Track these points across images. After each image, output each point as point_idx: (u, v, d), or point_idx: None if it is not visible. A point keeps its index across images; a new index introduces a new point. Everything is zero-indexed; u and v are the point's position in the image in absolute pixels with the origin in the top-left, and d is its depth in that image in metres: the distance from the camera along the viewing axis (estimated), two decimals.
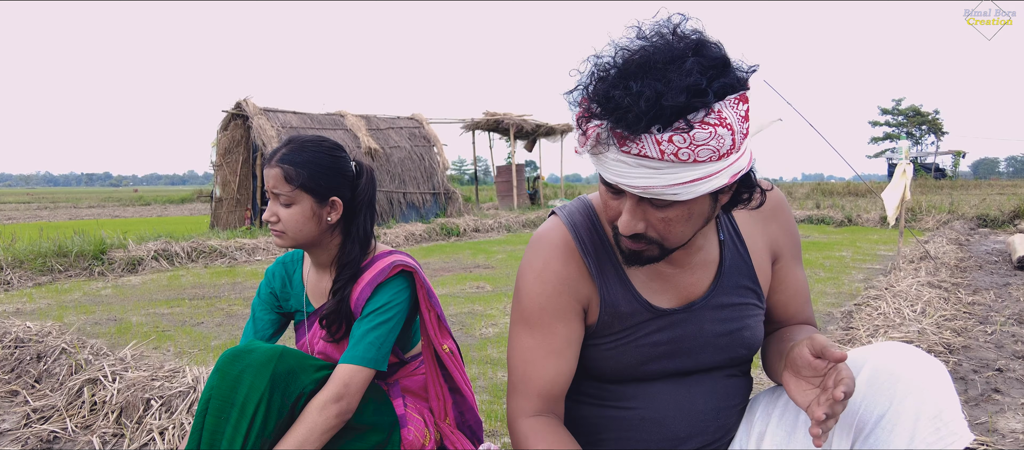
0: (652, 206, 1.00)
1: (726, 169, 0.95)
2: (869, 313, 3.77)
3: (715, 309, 1.19)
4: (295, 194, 1.45)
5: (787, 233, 1.28)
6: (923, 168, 31.51)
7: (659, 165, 0.93)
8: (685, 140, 0.90)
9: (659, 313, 1.16)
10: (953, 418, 1.01)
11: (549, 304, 1.14)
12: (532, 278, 1.16)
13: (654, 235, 1.03)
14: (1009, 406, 2.39)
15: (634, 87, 0.90)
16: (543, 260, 1.16)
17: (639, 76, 0.91)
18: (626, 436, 1.21)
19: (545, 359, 1.15)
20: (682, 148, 0.91)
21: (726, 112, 0.91)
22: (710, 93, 0.90)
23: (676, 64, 0.90)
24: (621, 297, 1.16)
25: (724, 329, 1.19)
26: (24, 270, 6.18)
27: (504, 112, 16.05)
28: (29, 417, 2.41)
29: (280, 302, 1.64)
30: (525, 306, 1.16)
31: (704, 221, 1.06)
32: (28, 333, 3.14)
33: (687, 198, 0.96)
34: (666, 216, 1.01)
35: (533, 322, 1.15)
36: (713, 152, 0.92)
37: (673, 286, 1.18)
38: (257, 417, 1.28)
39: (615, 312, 1.16)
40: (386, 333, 1.45)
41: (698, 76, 0.89)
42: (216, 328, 3.99)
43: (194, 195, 32.50)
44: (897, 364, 1.05)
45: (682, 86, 0.88)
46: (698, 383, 1.21)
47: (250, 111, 11.27)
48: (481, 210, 14.13)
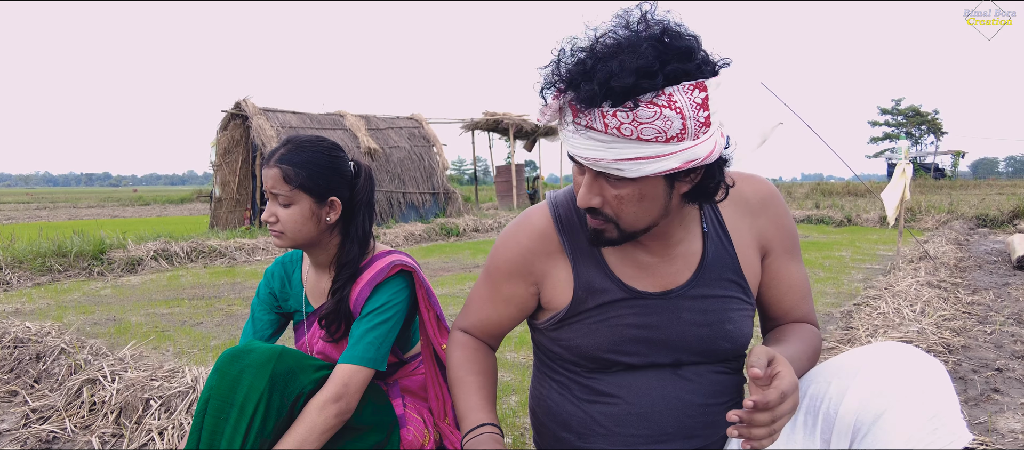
0: (607, 182, 1.06)
1: (677, 154, 0.99)
2: (868, 313, 3.77)
3: (695, 299, 1.20)
4: (294, 194, 1.45)
5: (778, 227, 1.27)
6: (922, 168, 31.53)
7: (605, 138, 1.00)
8: (628, 117, 0.97)
9: (633, 293, 1.19)
10: (951, 418, 1.01)
11: (504, 266, 1.28)
12: (501, 242, 1.31)
13: (609, 212, 1.09)
14: (1008, 406, 2.39)
15: (590, 64, 0.98)
16: (515, 230, 1.29)
17: (601, 57, 0.98)
18: (615, 432, 1.22)
19: (487, 303, 1.34)
20: (625, 124, 0.97)
21: (677, 97, 0.96)
22: (660, 76, 0.95)
23: (633, 48, 0.97)
24: (595, 275, 1.21)
25: (704, 320, 1.20)
26: (23, 270, 6.17)
27: (504, 112, 16.04)
28: (28, 417, 2.41)
29: (279, 302, 1.64)
30: (489, 261, 1.33)
31: (661, 208, 1.09)
32: (27, 333, 3.14)
33: (634, 175, 1.02)
34: (619, 194, 1.06)
35: (490, 274, 1.32)
36: (658, 133, 0.97)
37: (651, 275, 1.21)
38: (256, 417, 1.28)
39: (589, 288, 1.21)
40: (385, 333, 1.45)
41: (651, 60, 0.95)
42: (215, 328, 3.98)
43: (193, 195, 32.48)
44: (895, 364, 1.05)
45: (633, 68, 0.95)
46: (684, 377, 1.22)
47: (249, 111, 11.27)
48: (481, 210, 14.13)
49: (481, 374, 1.32)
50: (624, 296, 1.20)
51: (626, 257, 1.21)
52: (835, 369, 1.11)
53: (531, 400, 1.40)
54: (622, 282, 1.20)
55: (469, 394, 1.29)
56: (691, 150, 1.00)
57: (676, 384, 1.21)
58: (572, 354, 1.25)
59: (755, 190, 1.27)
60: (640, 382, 1.21)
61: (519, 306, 1.32)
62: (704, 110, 0.98)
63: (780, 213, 1.28)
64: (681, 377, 1.22)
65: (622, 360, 1.21)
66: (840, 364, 1.12)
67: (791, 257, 1.29)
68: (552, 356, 1.31)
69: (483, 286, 1.35)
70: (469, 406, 1.27)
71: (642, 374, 1.22)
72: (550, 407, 1.31)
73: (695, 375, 1.22)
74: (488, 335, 1.38)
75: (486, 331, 1.38)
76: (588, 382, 1.25)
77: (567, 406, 1.28)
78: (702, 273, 1.21)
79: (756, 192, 1.27)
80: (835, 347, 3.20)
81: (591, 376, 1.25)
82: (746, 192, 1.26)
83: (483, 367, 1.34)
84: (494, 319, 1.35)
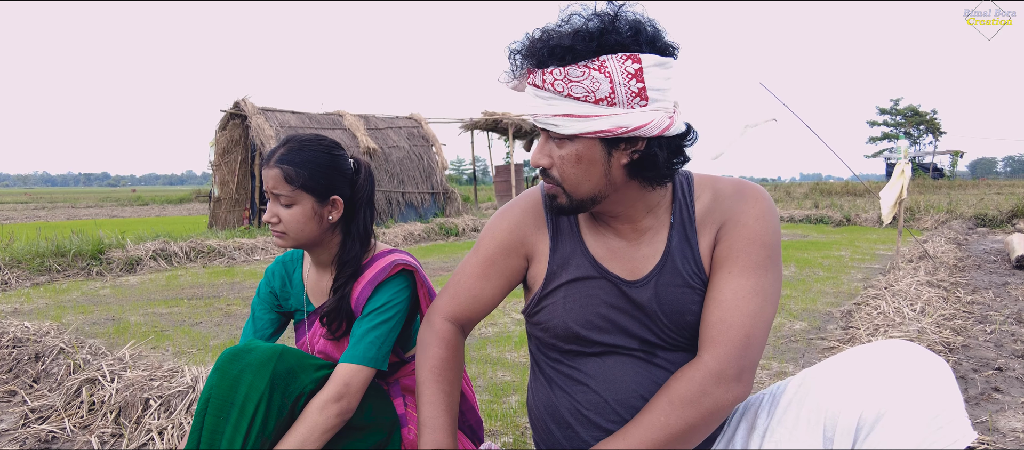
0: (554, 143, 1.16)
1: (606, 116, 1.09)
2: (869, 312, 3.77)
3: (657, 289, 1.21)
4: (296, 194, 1.44)
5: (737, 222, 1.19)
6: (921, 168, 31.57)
7: (543, 94, 1.12)
8: (562, 74, 1.09)
9: (603, 272, 1.24)
10: (956, 417, 1.01)
11: (498, 237, 1.33)
12: (495, 220, 1.36)
13: (556, 175, 1.17)
14: (1009, 405, 2.39)
15: (545, 35, 1.11)
16: (509, 207, 1.36)
17: (555, 29, 1.11)
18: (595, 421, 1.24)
19: (478, 279, 1.34)
20: (558, 81, 1.09)
21: (610, 64, 1.07)
22: (595, 42, 1.07)
23: (584, 21, 1.10)
24: (571, 250, 1.27)
25: (665, 311, 1.21)
26: (22, 270, 6.16)
27: (503, 112, 16.02)
28: (27, 417, 2.40)
29: (280, 301, 1.63)
30: (482, 237, 1.36)
31: (600, 175, 1.15)
32: (26, 333, 3.13)
33: (567, 132, 1.12)
34: (562, 154, 1.15)
35: (480, 249, 1.35)
36: (587, 92, 1.08)
37: (621, 259, 1.24)
38: (257, 417, 1.28)
39: (563, 262, 1.27)
40: (387, 332, 1.45)
41: (592, 30, 1.08)
42: (215, 328, 3.98)
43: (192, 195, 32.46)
44: (898, 362, 1.04)
45: (569, 32, 1.09)
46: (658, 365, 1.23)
47: (248, 111, 11.25)
48: (480, 210, 14.12)
49: (453, 385, 1.32)
50: (595, 274, 1.25)
51: (600, 238, 1.27)
52: (837, 367, 1.10)
53: (528, 397, 1.41)
54: (595, 260, 1.25)
55: (437, 407, 1.27)
56: (621, 117, 1.09)
57: (651, 372, 1.23)
58: (550, 335, 1.28)
59: (735, 185, 1.24)
60: (616, 369, 1.24)
61: (509, 279, 1.35)
62: (637, 81, 1.08)
63: (750, 211, 1.19)
64: (655, 365, 1.24)
65: (594, 338, 1.24)
66: (842, 362, 1.11)
67: (740, 262, 1.17)
68: (539, 345, 1.34)
69: (474, 263, 1.35)
70: (436, 422, 1.26)
71: (617, 360, 1.24)
72: (541, 400, 1.33)
73: (668, 362, 1.23)
74: (471, 316, 1.38)
75: (471, 310, 1.37)
76: (569, 371, 1.28)
77: (553, 397, 1.30)
78: (665, 263, 1.22)
79: (736, 187, 1.23)
80: (835, 346, 3.20)
81: (571, 362, 1.27)
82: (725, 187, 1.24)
83: (455, 376, 1.33)
84: (483, 296, 1.35)
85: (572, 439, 1.28)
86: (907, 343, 1.09)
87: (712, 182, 1.27)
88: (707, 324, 1.16)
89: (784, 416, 1.16)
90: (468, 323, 1.39)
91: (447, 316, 1.37)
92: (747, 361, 1.13)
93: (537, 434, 1.38)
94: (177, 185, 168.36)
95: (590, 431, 1.25)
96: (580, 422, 1.26)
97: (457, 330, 1.37)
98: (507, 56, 1.17)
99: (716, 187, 1.26)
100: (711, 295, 1.18)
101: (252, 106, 11.33)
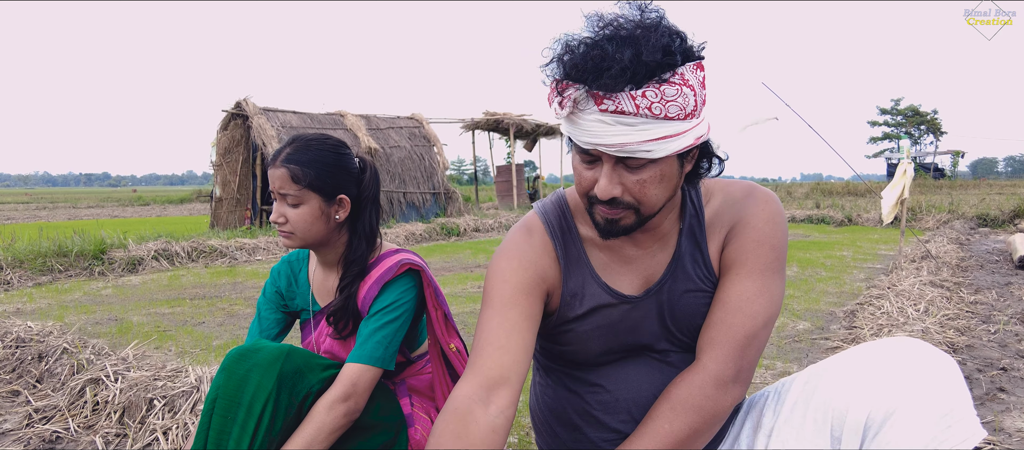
0: (627, 169, 1.06)
1: (691, 130, 1.04)
2: (872, 312, 3.76)
3: (669, 295, 1.20)
4: (303, 194, 1.44)
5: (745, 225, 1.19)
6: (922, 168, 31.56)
7: (634, 121, 1.00)
8: (657, 95, 0.99)
9: (619, 297, 1.20)
10: (965, 415, 1.00)
11: (513, 278, 1.17)
12: (500, 258, 1.21)
13: (630, 199, 1.08)
14: (1015, 405, 2.38)
15: (611, 49, 0.98)
16: (513, 242, 1.23)
17: (614, 41, 0.99)
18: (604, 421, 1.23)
19: (499, 332, 1.12)
20: (655, 103, 0.99)
21: (688, 75, 1.01)
22: (678, 55, 1.00)
23: (648, 30, 1.00)
24: (582, 279, 1.21)
25: (673, 317, 1.21)
26: (24, 270, 6.16)
27: (504, 112, 16.02)
28: (31, 417, 2.40)
29: (286, 301, 1.63)
30: (491, 285, 1.18)
31: (673, 188, 1.11)
32: (29, 333, 3.13)
33: (659, 155, 1.03)
34: (640, 178, 1.06)
35: (495, 298, 1.16)
36: (680, 110, 1.01)
37: (632, 270, 1.21)
38: (264, 417, 1.27)
39: (578, 294, 1.20)
40: (393, 332, 1.44)
41: (670, 39, 1.00)
42: (218, 328, 3.97)
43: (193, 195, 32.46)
44: (906, 360, 1.04)
45: (658, 45, 0.98)
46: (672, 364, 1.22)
47: (250, 111, 11.26)
48: (481, 210, 14.11)
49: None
50: (610, 301, 1.20)
51: (612, 255, 1.22)
52: (844, 364, 1.09)
53: (531, 399, 1.40)
54: (607, 286, 1.21)
55: None
56: (699, 127, 1.05)
57: (663, 371, 1.22)
58: (566, 358, 1.26)
59: (745, 188, 1.24)
60: (629, 371, 1.23)
61: (533, 323, 1.17)
62: (704, 88, 1.04)
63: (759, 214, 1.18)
64: (668, 364, 1.23)
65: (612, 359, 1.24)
66: (849, 360, 1.10)
67: (747, 266, 1.16)
68: (548, 355, 1.32)
69: (491, 316, 1.14)
70: None
71: (631, 363, 1.23)
72: (547, 402, 1.32)
73: (682, 362, 1.23)
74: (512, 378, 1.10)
75: (511, 371, 1.10)
76: (580, 375, 1.27)
77: (561, 399, 1.29)
78: (675, 268, 1.21)
79: (746, 190, 1.23)
80: (839, 346, 3.19)
81: (583, 370, 1.26)
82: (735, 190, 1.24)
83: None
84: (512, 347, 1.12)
85: (579, 441, 1.27)
86: (915, 340, 1.08)
87: (723, 186, 1.25)
88: (709, 325, 1.16)
89: (791, 415, 1.15)
90: (511, 386, 1.09)
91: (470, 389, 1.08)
92: (746, 362, 1.13)
93: (540, 436, 1.37)
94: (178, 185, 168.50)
95: (599, 431, 1.24)
96: (589, 423, 1.25)
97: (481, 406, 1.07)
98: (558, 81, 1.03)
99: (727, 191, 1.24)
100: (717, 297, 1.17)
101: (254, 106, 11.33)
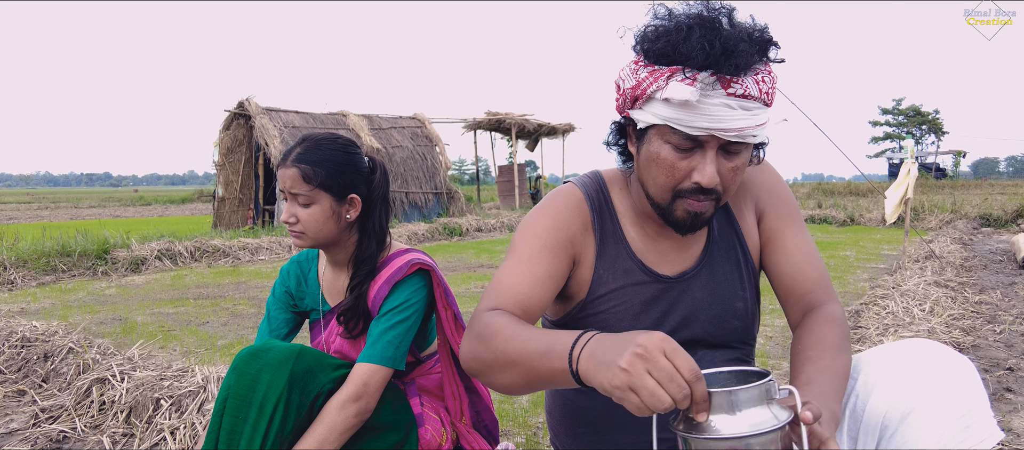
0: (724, 156, 1.05)
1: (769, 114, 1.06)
2: (877, 312, 3.76)
3: (706, 278, 1.21)
4: (314, 193, 1.44)
5: (769, 190, 1.27)
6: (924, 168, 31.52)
7: (752, 105, 1.01)
8: (770, 80, 1.02)
9: (655, 277, 1.19)
10: (982, 416, 0.99)
11: (543, 235, 1.16)
12: (534, 217, 1.20)
13: (720, 188, 1.07)
14: (1022, 405, 2.38)
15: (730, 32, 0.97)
16: (549, 204, 1.21)
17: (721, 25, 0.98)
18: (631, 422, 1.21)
19: (524, 278, 1.12)
20: (770, 87, 1.02)
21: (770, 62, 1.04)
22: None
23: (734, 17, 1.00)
24: (619, 256, 1.20)
25: (715, 298, 1.20)
26: (28, 270, 6.17)
27: (506, 112, 16.03)
28: (37, 417, 2.40)
29: (295, 301, 1.63)
30: (519, 237, 1.18)
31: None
32: (34, 333, 3.13)
33: (759, 139, 1.04)
34: (734, 165, 1.06)
35: (522, 249, 1.16)
36: (771, 95, 1.03)
37: (669, 256, 1.21)
38: (276, 417, 1.27)
39: (611, 268, 1.19)
40: (404, 332, 1.44)
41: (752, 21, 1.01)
42: (222, 328, 3.98)
43: (195, 195, 32.50)
44: (923, 361, 1.03)
45: (763, 26, 1.00)
46: (709, 359, 1.20)
47: (252, 111, 11.26)
48: (483, 210, 14.11)
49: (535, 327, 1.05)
50: (646, 280, 1.19)
51: (648, 235, 1.21)
52: (862, 365, 1.09)
53: (547, 399, 1.39)
54: (643, 263, 1.20)
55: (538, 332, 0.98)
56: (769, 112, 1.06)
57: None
58: None
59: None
60: None
61: (555, 285, 1.16)
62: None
63: (772, 177, 1.28)
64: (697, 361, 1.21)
65: None
66: (867, 360, 1.09)
67: (788, 222, 1.25)
68: None
69: (516, 264, 1.15)
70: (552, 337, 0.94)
71: None
72: (566, 403, 1.30)
73: (709, 361, 1.21)
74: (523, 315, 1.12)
75: (522, 307, 1.12)
76: None
77: (583, 399, 1.26)
78: (710, 250, 1.22)
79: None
80: None
81: None
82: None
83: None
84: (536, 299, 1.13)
85: (601, 442, 1.25)
86: (932, 342, 1.08)
87: None
88: (797, 274, 1.20)
89: None
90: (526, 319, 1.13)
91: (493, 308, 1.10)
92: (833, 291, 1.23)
93: (558, 437, 1.36)
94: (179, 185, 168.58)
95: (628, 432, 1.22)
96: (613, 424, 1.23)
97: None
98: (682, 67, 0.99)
99: None
100: (777, 243, 1.23)
101: (256, 106, 11.34)
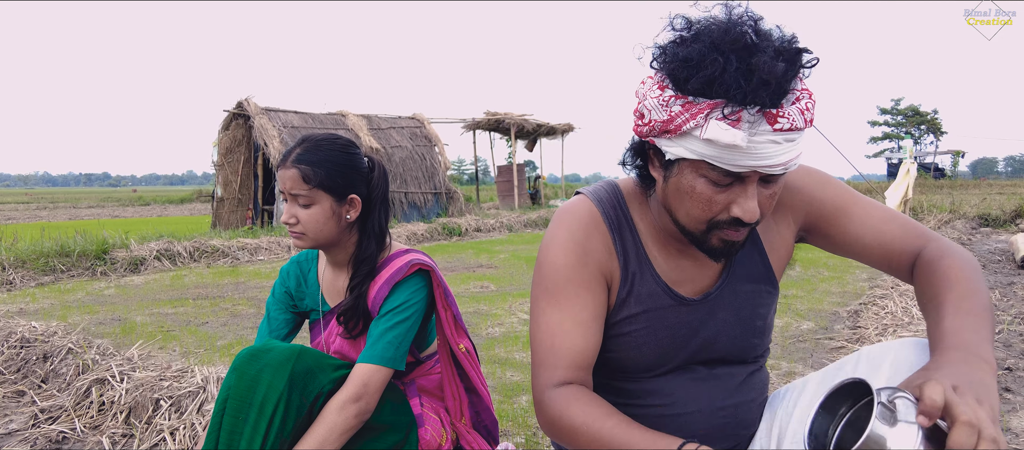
0: (763, 185, 0.99)
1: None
2: (876, 312, 3.76)
3: (727, 298, 1.17)
4: (314, 194, 1.44)
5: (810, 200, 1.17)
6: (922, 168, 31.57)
7: (796, 136, 0.93)
8: (812, 104, 0.93)
9: (679, 300, 1.15)
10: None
11: (574, 275, 1.09)
12: (556, 249, 1.11)
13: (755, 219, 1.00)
14: (1020, 405, 2.38)
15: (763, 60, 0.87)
16: (568, 231, 1.12)
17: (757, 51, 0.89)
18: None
19: (573, 330, 1.08)
20: (812, 111, 0.93)
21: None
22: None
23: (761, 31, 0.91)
24: (642, 278, 1.14)
25: (736, 319, 1.17)
26: (27, 270, 6.16)
27: (505, 112, 16.03)
28: (37, 417, 2.40)
29: (295, 301, 1.63)
30: (549, 278, 1.10)
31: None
32: (33, 333, 3.13)
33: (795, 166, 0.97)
34: (772, 192, 1.00)
35: (558, 294, 1.09)
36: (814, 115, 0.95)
37: (691, 276, 1.16)
38: (276, 417, 1.27)
39: (636, 292, 1.13)
40: (404, 332, 1.44)
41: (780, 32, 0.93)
42: (221, 328, 3.97)
43: (194, 195, 32.48)
44: (923, 360, 1.04)
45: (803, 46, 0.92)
46: (716, 378, 1.19)
47: (251, 111, 11.26)
48: (482, 210, 14.11)
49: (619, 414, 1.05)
50: (670, 303, 1.14)
51: (671, 259, 1.16)
52: (860, 364, 1.10)
53: None
54: (667, 286, 1.15)
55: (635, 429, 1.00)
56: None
57: (709, 385, 1.19)
58: (616, 364, 1.19)
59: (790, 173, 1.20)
60: (673, 384, 1.19)
61: (601, 323, 1.12)
62: None
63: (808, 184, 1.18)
64: (714, 377, 1.19)
65: (663, 368, 1.18)
66: (865, 359, 1.10)
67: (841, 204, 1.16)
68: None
69: (553, 315, 1.09)
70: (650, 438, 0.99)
71: (676, 376, 1.19)
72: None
73: (727, 375, 1.20)
74: (584, 372, 1.11)
75: (582, 367, 1.10)
76: (621, 385, 1.22)
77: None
78: (732, 268, 1.18)
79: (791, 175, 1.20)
80: (844, 346, 3.19)
81: (623, 380, 1.21)
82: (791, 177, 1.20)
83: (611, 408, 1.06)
84: (590, 348, 1.10)
85: None
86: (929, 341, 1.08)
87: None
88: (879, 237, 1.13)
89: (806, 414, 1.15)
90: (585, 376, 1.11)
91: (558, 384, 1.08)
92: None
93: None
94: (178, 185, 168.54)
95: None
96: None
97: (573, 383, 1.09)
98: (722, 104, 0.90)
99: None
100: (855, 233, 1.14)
101: (255, 106, 11.34)
